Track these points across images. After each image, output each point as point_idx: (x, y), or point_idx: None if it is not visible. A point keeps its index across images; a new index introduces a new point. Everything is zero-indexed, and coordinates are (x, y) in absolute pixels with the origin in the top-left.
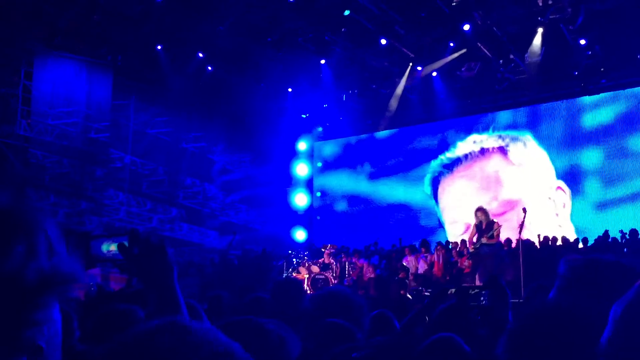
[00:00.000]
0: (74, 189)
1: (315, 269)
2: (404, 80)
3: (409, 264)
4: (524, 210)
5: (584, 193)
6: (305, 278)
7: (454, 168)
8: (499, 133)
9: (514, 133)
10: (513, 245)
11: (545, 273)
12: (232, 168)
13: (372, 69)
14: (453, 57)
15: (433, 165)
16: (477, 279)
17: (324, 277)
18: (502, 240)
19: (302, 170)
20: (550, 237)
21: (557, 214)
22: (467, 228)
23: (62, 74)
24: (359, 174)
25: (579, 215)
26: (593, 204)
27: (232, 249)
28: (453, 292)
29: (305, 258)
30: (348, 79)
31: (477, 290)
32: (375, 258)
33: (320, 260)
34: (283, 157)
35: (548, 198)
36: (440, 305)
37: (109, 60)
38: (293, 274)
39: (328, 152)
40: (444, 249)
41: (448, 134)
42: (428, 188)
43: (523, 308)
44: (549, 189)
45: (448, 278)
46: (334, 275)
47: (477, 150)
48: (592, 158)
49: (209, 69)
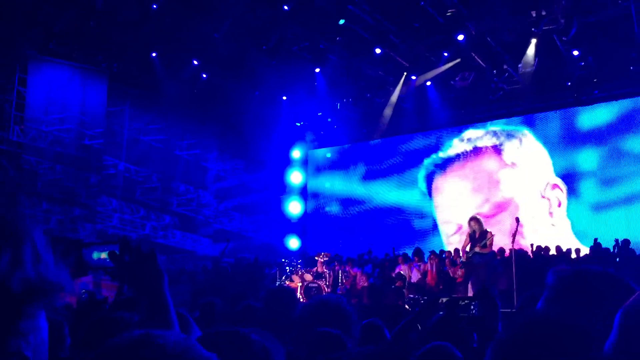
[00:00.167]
0: (67, 196)
1: (309, 277)
2: (399, 90)
3: (397, 273)
4: (517, 220)
5: (580, 194)
6: (299, 286)
7: (447, 167)
8: (495, 127)
9: (511, 128)
10: (506, 255)
11: (539, 282)
12: (226, 175)
13: (366, 78)
14: (447, 66)
15: (426, 163)
16: (469, 289)
17: (317, 285)
18: (495, 250)
19: (296, 178)
20: (543, 246)
21: (550, 213)
22: (459, 228)
23: (56, 80)
24: (352, 177)
25: (576, 217)
26: (589, 206)
27: (225, 257)
28: (444, 301)
29: (299, 266)
30: (343, 88)
31: (467, 301)
32: (369, 267)
33: (314, 269)
34: (277, 165)
35: (542, 197)
36: (431, 315)
37: (104, 67)
38: (286, 282)
39: (322, 158)
40: (437, 258)
41: (442, 136)
42: (422, 184)
43: (513, 318)
44: (544, 188)
45: (441, 287)
46: (327, 284)
47: (470, 150)
48: (588, 159)
49: (204, 76)
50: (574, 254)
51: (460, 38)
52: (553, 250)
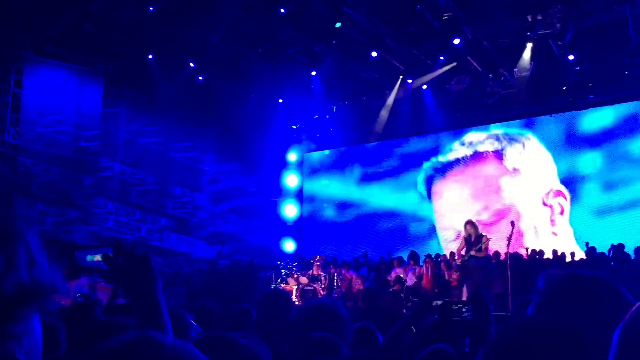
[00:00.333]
0: (63, 197)
1: (304, 280)
2: (394, 93)
3: (396, 276)
4: (512, 224)
5: (582, 199)
6: (294, 289)
7: (447, 172)
8: (497, 130)
9: (514, 131)
10: (501, 258)
11: (534, 286)
12: (221, 178)
13: (362, 81)
14: (443, 70)
15: (426, 167)
16: (464, 292)
17: (313, 288)
18: (490, 253)
19: (292, 181)
20: (538, 249)
21: (552, 221)
22: (458, 235)
23: (52, 82)
24: (348, 179)
25: (578, 225)
26: (592, 212)
27: (221, 259)
28: (439, 303)
29: (294, 269)
30: (339, 91)
31: (460, 305)
32: (364, 270)
33: (309, 272)
34: (273, 167)
35: (544, 204)
36: (424, 319)
37: (100, 69)
38: (281, 285)
39: (318, 161)
40: (433, 262)
41: (439, 140)
42: (422, 187)
43: (506, 322)
44: (546, 195)
45: (437, 290)
46: (323, 287)
47: (470, 154)
48: (589, 164)
49: (200, 79)
50: (569, 258)
51: (456, 42)
52: (549, 254)
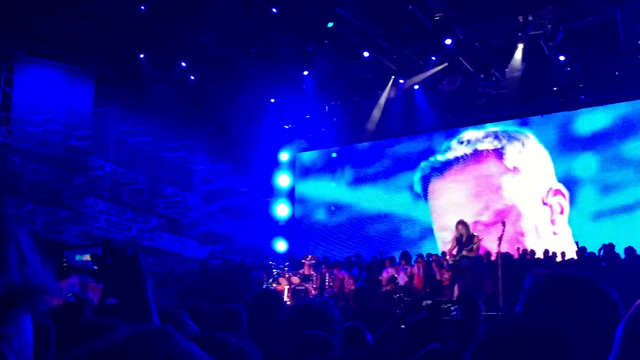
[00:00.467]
0: (53, 197)
1: (296, 280)
2: (386, 93)
3: (389, 276)
4: (503, 224)
5: (579, 202)
6: (286, 289)
7: (445, 171)
8: (496, 128)
9: (513, 129)
10: (492, 258)
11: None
12: (213, 177)
13: (354, 81)
14: (435, 70)
15: (423, 166)
16: (455, 292)
17: (304, 288)
18: (482, 253)
19: (283, 181)
20: (530, 249)
21: (552, 220)
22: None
23: (43, 81)
24: (340, 181)
25: (576, 224)
26: (589, 213)
27: (212, 259)
28: (429, 303)
29: (286, 269)
30: (331, 91)
31: (449, 305)
32: (356, 269)
33: (301, 272)
34: (265, 167)
35: (543, 204)
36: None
37: (91, 68)
38: (273, 285)
39: (310, 161)
40: (424, 261)
41: (432, 140)
42: (418, 186)
43: (495, 321)
44: (546, 194)
45: (428, 290)
46: (315, 287)
47: (470, 153)
48: (585, 165)
49: (192, 78)
50: (560, 258)
51: (448, 42)
52: (540, 254)
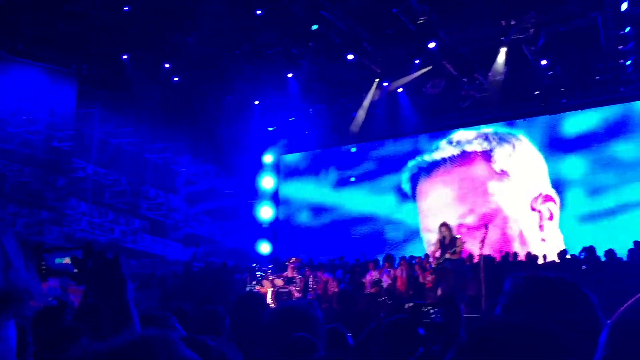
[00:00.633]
0: (35, 199)
1: (279, 283)
2: (371, 96)
3: (372, 279)
4: (486, 227)
5: (567, 204)
6: (269, 291)
7: (433, 171)
8: (487, 130)
9: (504, 131)
10: (475, 261)
11: None
12: (197, 179)
13: (339, 84)
14: (419, 74)
15: (411, 165)
16: (439, 294)
17: (288, 290)
18: (464, 256)
19: (267, 183)
20: (512, 252)
21: (541, 226)
22: None
23: (25, 81)
24: (323, 183)
25: (566, 230)
26: (576, 216)
27: (195, 261)
28: (411, 305)
29: (269, 271)
30: (315, 93)
31: (429, 307)
32: (340, 272)
33: (285, 274)
34: (249, 169)
35: (532, 210)
36: (387, 319)
37: (74, 69)
38: (256, 288)
39: (294, 163)
40: (407, 264)
41: (417, 143)
42: (406, 186)
43: (475, 323)
44: (535, 200)
45: (411, 293)
46: (298, 289)
47: (458, 154)
48: (574, 168)
49: (176, 80)
50: (542, 261)
51: (432, 46)
52: (522, 257)
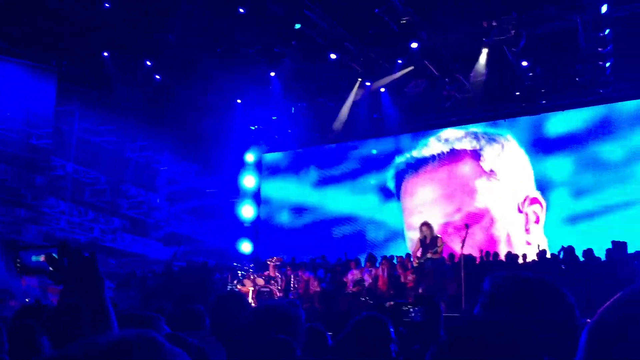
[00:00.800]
0: (13, 197)
1: (261, 282)
2: (353, 95)
3: (354, 278)
4: (466, 227)
5: (552, 205)
6: (250, 291)
7: (420, 168)
8: (476, 129)
9: (493, 131)
10: (456, 260)
11: None
12: (178, 178)
13: (321, 83)
14: (401, 74)
15: (397, 162)
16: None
17: (269, 290)
18: (445, 255)
19: (249, 182)
20: (492, 252)
21: (527, 230)
22: None
23: (3, 78)
24: (304, 182)
25: (551, 233)
26: (561, 218)
27: (176, 261)
28: (391, 304)
29: (251, 270)
30: (297, 92)
31: (409, 306)
32: (321, 271)
33: (266, 273)
34: (231, 168)
35: (519, 212)
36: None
37: (53, 65)
38: (238, 287)
39: (275, 162)
40: (389, 263)
41: (399, 143)
42: (391, 183)
43: (455, 323)
44: (522, 202)
45: (392, 292)
46: (279, 288)
47: (447, 152)
48: (559, 169)
49: (157, 78)
50: (522, 260)
51: (414, 46)
52: (502, 257)
